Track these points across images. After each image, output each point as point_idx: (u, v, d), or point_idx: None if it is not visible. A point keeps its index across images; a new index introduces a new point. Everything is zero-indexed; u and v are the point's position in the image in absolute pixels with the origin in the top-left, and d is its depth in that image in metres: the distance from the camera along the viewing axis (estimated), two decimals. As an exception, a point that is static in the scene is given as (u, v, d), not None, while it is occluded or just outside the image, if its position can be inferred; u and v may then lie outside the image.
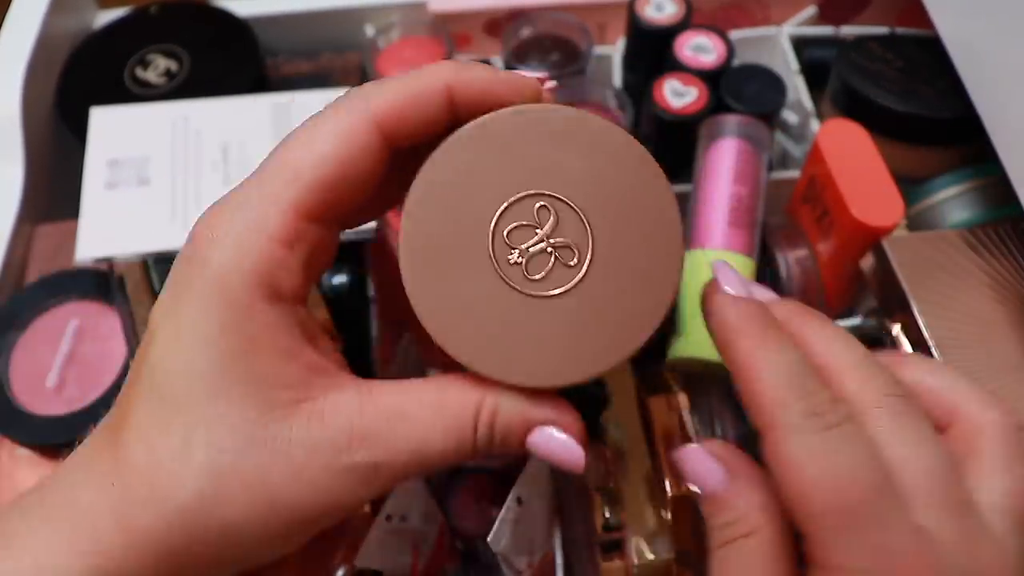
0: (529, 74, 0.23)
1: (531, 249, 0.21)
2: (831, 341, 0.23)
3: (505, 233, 0.21)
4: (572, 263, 0.21)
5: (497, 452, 0.22)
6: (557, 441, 0.22)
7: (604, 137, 0.22)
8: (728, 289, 0.23)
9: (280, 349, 0.21)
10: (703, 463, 0.23)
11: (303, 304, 0.23)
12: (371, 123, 0.22)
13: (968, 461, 0.23)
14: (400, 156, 0.23)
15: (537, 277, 0.21)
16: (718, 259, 0.25)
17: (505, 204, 0.21)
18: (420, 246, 0.21)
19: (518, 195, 0.21)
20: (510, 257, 0.21)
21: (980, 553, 0.20)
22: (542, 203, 0.21)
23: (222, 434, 0.20)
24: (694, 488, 0.23)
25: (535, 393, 0.22)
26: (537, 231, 0.21)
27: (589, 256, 0.21)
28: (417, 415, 0.21)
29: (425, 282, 0.21)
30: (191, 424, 0.20)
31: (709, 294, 0.24)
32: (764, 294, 0.26)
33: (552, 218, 0.21)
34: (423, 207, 0.22)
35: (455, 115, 0.22)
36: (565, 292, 0.21)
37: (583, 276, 0.21)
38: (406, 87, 0.22)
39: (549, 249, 0.21)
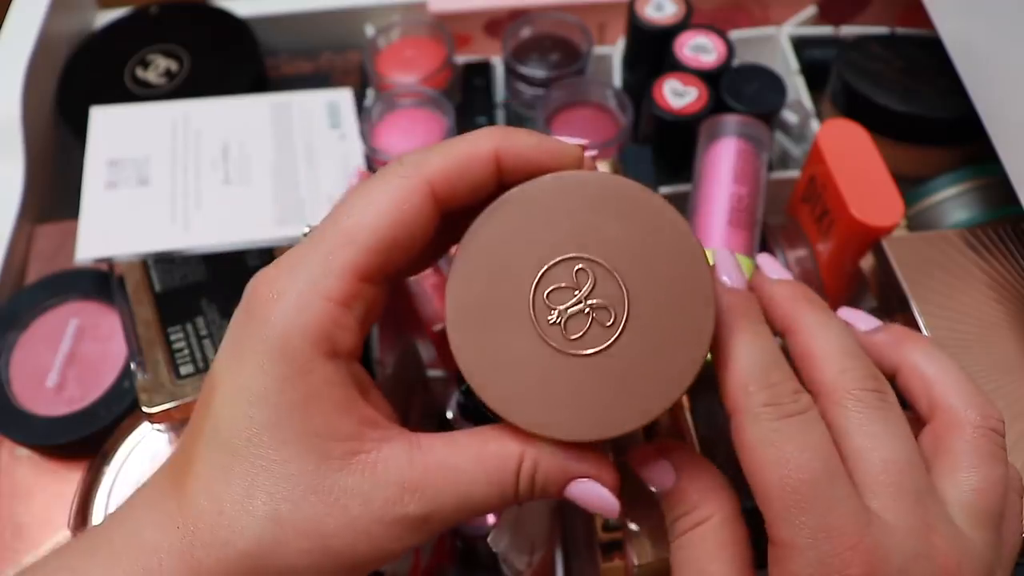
0: (571, 141, 0.24)
1: (570, 310, 0.23)
2: (821, 328, 0.25)
3: (545, 294, 0.23)
4: (608, 323, 0.22)
5: (536, 499, 0.24)
6: (594, 493, 0.23)
7: (639, 202, 0.23)
8: (725, 280, 0.25)
9: (336, 403, 0.22)
10: (654, 462, 0.25)
11: (357, 360, 0.24)
12: (425, 187, 0.23)
13: (940, 456, 0.24)
14: (447, 215, 0.24)
15: (575, 336, 0.22)
16: (721, 250, 0.26)
17: (545, 267, 0.23)
18: (465, 305, 0.23)
19: (558, 258, 0.23)
20: (550, 317, 0.22)
21: (936, 540, 0.22)
22: (580, 266, 0.23)
23: (281, 484, 0.21)
24: (651, 487, 0.25)
25: (573, 446, 0.23)
26: (575, 293, 0.23)
27: (625, 317, 0.22)
28: (463, 467, 0.22)
29: (469, 339, 0.23)
30: (252, 473, 0.21)
31: None
32: (777, 272, 0.28)
33: (590, 280, 0.23)
34: (468, 268, 0.23)
35: (501, 179, 0.23)
36: (601, 351, 0.22)
37: (619, 336, 0.22)
38: (457, 152, 0.23)
39: (587, 310, 0.22)
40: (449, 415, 0.41)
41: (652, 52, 0.51)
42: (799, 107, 0.51)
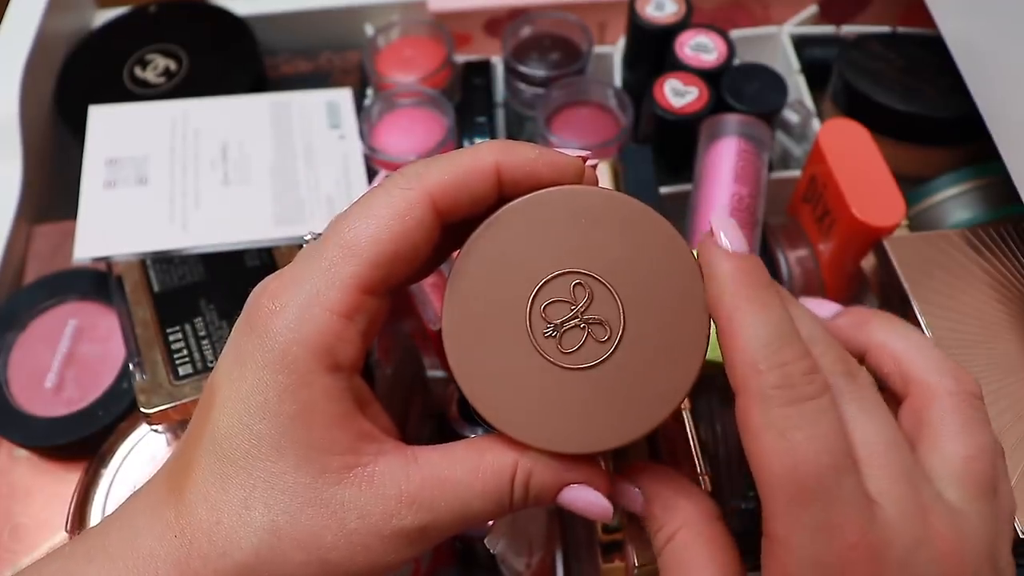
0: (572, 153, 0.24)
1: (565, 324, 0.23)
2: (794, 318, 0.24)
3: (542, 308, 0.23)
4: (604, 338, 0.23)
5: (530, 507, 0.24)
6: (587, 499, 0.23)
7: (637, 218, 0.23)
8: (725, 243, 0.22)
9: (335, 416, 0.22)
10: (624, 490, 0.25)
11: (358, 373, 0.24)
12: (426, 199, 0.22)
13: (922, 431, 0.23)
14: (448, 225, 0.24)
15: (570, 350, 0.23)
16: (717, 212, 0.25)
17: (542, 281, 0.23)
18: (462, 317, 0.23)
19: (555, 272, 0.23)
20: (545, 331, 0.23)
21: (933, 522, 0.21)
22: (577, 281, 0.23)
23: (279, 495, 0.21)
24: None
25: (567, 456, 0.23)
26: (572, 307, 0.23)
27: (620, 332, 0.23)
28: (459, 479, 0.23)
29: (465, 351, 0.23)
30: (250, 484, 0.21)
31: (705, 247, 0.23)
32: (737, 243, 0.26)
33: (586, 295, 0.23)
34: (466, 280, 0.23)
35: (502, 191, 0.23)
36: (596, 365, 0.23)
37: (613, 351, 0.23)
38: (458, 164, 0.23)
39: (582, 325, 0.23)
40: (449, 415, 0.41)
41: (652, 51, 0.51)
42: (800, 106, 0.51)
